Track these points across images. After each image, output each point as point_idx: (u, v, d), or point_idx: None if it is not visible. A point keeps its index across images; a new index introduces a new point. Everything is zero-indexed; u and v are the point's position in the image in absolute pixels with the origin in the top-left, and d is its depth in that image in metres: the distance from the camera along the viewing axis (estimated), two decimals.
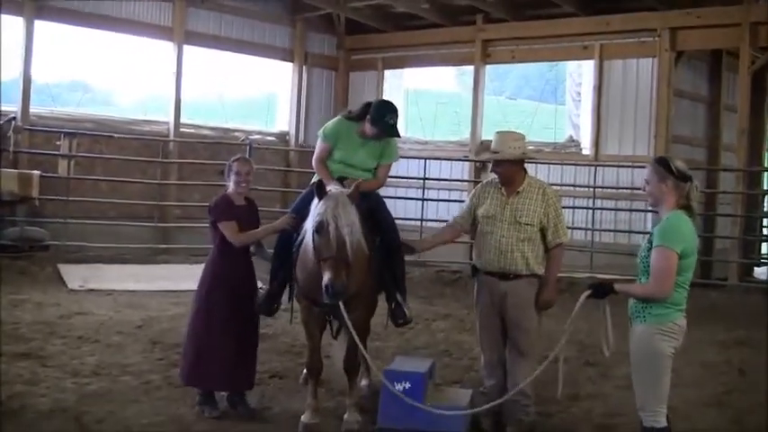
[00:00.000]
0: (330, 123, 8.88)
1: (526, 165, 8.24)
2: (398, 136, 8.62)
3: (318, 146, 8.79)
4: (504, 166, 7.98)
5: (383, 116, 8.39)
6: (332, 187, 7.50)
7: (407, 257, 8.76)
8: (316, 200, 7.47)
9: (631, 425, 7.38)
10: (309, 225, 7.49)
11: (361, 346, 7.68)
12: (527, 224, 7.88)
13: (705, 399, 9.56)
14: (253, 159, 17.61)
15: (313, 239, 7.25)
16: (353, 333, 7.59)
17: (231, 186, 8.43)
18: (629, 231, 18.65)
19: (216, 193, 18.44)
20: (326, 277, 6.97)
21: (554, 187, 8.97)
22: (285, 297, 8.55)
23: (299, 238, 7.89)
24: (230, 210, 8.30)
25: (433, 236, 8.97)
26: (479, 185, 8.53)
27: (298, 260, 7.92)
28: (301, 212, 8.14)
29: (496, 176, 8.13)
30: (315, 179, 8.57)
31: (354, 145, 8.61)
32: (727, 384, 10.36)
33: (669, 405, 6.39)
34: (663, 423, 6.23)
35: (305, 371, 9.32)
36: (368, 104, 8.61)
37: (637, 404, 6.37)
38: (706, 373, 10.81)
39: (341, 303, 7.31)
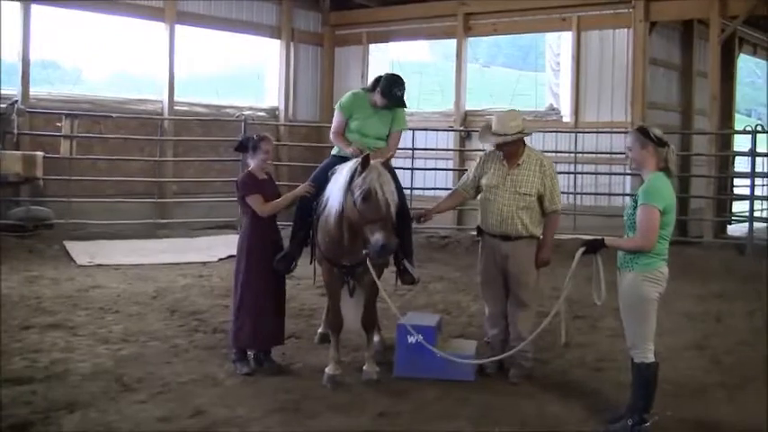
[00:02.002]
0: (345, 97, 9.72)
1: None
2: (405, 106, 9.51)
3: (335, 119, 9.62)
4: (508, 146, 8.79)
5: (391, 89, 9.28)
6: (372, 161, 8.18)
7: None
8: (346, 170, 8.23)
9: (620, 368, 8.23)
10: (335, 192, 8.28)
11: (388, 300, 8.49)
12: (526, 194, 8.72)
13: (685, 344, 10.42)
14: (246, 135, 18.48)
15: (357, 206, 7.91)
16: (380, 285, 8.48)
17: (256, 162, 9.05)
18: (610, 194, 19.39)
19: (211, 168, 19.34)
20: (380, 237, 7.69)
21: (549, 155, 9.78)
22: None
23: (322, 206, 8.64)
24: (255, 184, 9.00)
25: (439, 203, 9.66)
26: (483, 155, 9.27)
27: (319, 226, 8.68)
28: (320, 182, 8.98)
29: (502, 154, 8.90)
30: (334, 150, 9.50)
31: (368, 115, 9.46)
32: (705, 331, 11.26)
33: (654, 350, 7.23)
34: (652, 358, 7.11)
35: (319, 330, 10.23)
36: (378, 78, 9.47)
37: (627, 343, 7.24)
38: (685, 322, 11.70)
39: (369, 263, 8.13)
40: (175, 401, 7.94)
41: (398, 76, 9.48)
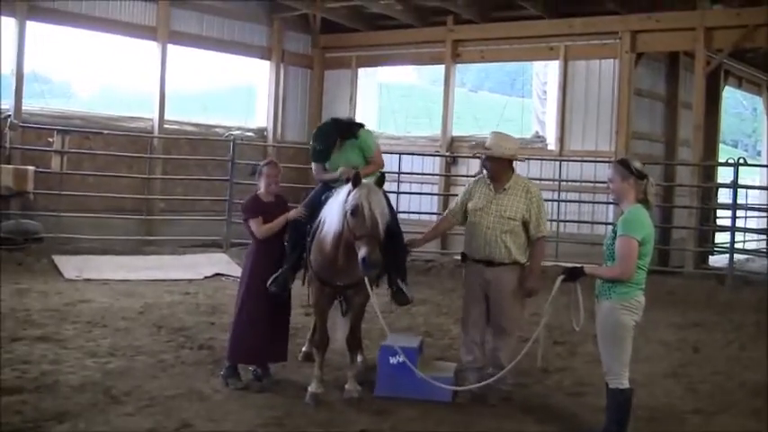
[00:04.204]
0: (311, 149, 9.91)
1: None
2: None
3: (314, 168, 9.91)
4: (494, 163, 8.98)
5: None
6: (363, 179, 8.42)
7: None
8: (348, 188, 8.40)
9: (598, 393, 8.40)
10: (331, 214, 8.50)
11: (380, 316, 8.75)
12: (510, 218, 8.88)
13: (663, 371, 10.63)
14: (235, 155, 18.71)
15: (348, 221, 8.17)
16: (376, 305, 8.76)
17: (262, 187, 9.40)
18: (592, 222, 19.57)
19: (199, 187, 19.58)
20: (363, 251, 7.90)
21: (535, 182, 10.01)
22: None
23: (314, 227, 8.86)
24: (257, 207, 9.31)
25: (427, 232, 9.86)
26: (472, 181, 9.53)
27: (313, 246, 8.88)
28: (313, 206, 9.21)
29: (486, 171, 9.11)
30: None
31: (335, 154, 9.61)
32: (683, 359, 11.46)
33: (630, 377, 7.44)
34: (626, 385, 7.32)
35: (303, 349, 10.42)
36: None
37: (603, 369, 7.45)
38: (663, 350, 11.91)
39: (366, 279, 8.38)
40: (162, 415, 8.10)
41: (319, 126, 9.89)
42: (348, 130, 9.72)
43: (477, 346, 9.23)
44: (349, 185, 8.42)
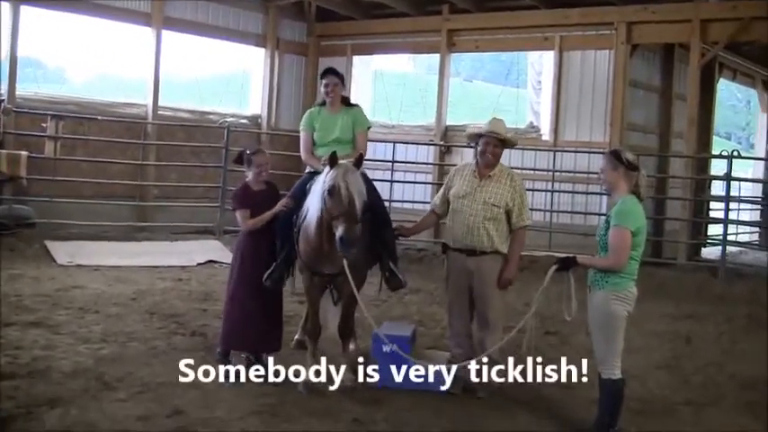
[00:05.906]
0: (304, 117, 10.04)
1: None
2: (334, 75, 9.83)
3: (302, 140, 9.94)
4: (499, 147, 9.02)
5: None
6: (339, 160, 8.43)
7: None
8: (326, 170, 8.38)
9: (590, 384, 8.39)
10: (314, 201, 8.50)
11: (364, 309, 8.73)
12: (494, 205, 8.87)
13: (655, 363, 10.66)
14: (229, 142, 18.64)
15: (324, 202, 8.17)
16: (357, 294, 8.72)
17: (251, 176, 9.37)
18: (586, 213, 19.52)
19: (192, 173, 19.50)
20: (340, 231, 7.90)
21: (517, 171, 10.01)
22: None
23: (302, 218, 8.84)
24: (246, 198, 9.30)
25: (418, 222, 9.87)
26: (454, 169, 9.53)
27: (300, 236, 8.87)
28: (298, 197, 9.18)
29: (487, 156, 9.04)
30: (308, 169, 9.68)
31: (328, 123, 9.73)
32: (675, 351, 11.51)
33: (622, 368, 7.46)
34: (618, 375, 7.35)
35: (296, 337, 10.40)
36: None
37: (596, 360, 7.47)
38: (656, 341, 11.92)
39: (345, 265, 8.31)
40: (154, 401, 8.13)
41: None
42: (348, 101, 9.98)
43: (465, 338, 9.21)
44: (327, 168, 8.43)
